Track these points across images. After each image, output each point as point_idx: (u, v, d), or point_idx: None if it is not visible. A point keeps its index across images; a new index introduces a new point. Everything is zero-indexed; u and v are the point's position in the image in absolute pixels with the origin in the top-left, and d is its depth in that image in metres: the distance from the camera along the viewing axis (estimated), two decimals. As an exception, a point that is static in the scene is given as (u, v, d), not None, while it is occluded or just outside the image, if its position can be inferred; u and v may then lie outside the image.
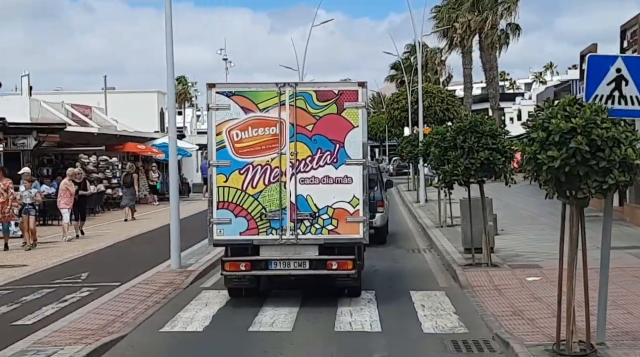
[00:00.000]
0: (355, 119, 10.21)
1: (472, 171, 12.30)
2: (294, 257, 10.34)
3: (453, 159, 12.41)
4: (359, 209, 10.20)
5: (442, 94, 48.82)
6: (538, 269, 12.46)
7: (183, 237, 14.14)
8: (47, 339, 8.45)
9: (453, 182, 12.71)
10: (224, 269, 10.46)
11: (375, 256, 14.89)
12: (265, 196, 10.25)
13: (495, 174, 12.47)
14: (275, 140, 10.24)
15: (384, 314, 9.95)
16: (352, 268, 10.24)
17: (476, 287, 11.23)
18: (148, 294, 11.34)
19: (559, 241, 7.29)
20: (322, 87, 10.43)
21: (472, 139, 12.29)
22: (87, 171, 28.09)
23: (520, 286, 11.23)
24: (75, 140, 28.06)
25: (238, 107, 10.28)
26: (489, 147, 12.26)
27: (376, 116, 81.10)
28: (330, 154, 10.21)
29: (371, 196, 17.02)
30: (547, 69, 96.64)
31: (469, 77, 54.94)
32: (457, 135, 12.48)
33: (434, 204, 26.87)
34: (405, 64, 63.72)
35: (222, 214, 10.27)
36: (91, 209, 25.80)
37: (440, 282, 12.33)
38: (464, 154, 12.35)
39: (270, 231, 10.26)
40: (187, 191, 36.16)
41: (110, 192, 29.40)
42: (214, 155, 10.30)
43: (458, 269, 12.67)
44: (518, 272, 12.25)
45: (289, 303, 10.58)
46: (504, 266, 12.96)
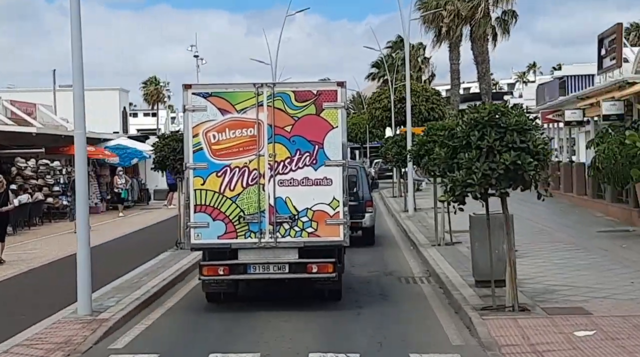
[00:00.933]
0: (335, 119, 11.67)
1: (493, 180, 10.19)
2: (273, 260, 11.77)
3: (466, 163, 10.27)
4: (339, 211, 11.65)
5: (427, 92, 50.48)
6: (586, 317, 10.40)
7: (119, 260, 14.58)
8: None
9: (466, 194, 10.42)
10: (202, 274, 11.90)
11: (360, 288, 13.90)
12: (243, 198, 11.66)
13: (524, 183, 10.44)
14: (253, 141, 11.66)
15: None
16: (332, 271, 11.69)
17: (505, 346, 9.12)
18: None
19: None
20: (300, 87, 11.92)
21: (492, 135, 10.18)
22: (24, 177, 28.01)
23: (568, 345, 9.11)
24: (14, 142, 27.66)
25: (215, 108, 11.71)
26: (516, 147, 10.19)
27: (356, 117, 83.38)
28: (310, 155, 11.65)
29: (360, 196, 19.77)
30: (530, 68, 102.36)
31: (457, 74, 56.11)
32: (471, 131, 10.35)
33: (424, 214, 26.64)
34: (387, 63, 65.12)
35: (200, 217, 11.67)
36: (26, 221, 25.53)
37: (451, 337, 10.20)
38: (482, 156, 10.24)
39: (248, 234, 11.67)
40: (147, 198, 36.67)
41: (51, 201, 29.14)
42: (190, 158, 11.71)
43: (474, 315, 10.67)
44: (559, 321, 10.20)
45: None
46: (536, 310, 10.98)
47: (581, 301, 11.45)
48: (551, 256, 16.21)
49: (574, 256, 16.03)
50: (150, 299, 12.90)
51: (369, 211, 20.02)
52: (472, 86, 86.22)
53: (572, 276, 13.56)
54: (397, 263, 17.37)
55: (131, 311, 11.79)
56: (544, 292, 12.14)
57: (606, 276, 13.60)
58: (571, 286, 12.62)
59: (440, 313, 11.72)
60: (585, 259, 15.55)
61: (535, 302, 11.35)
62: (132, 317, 11.64)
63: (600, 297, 11.28)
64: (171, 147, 18.26)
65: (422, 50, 74.31)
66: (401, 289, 14.15)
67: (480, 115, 10.38)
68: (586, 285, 12.60)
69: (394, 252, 19.39)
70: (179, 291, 14.20)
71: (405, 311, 12.03)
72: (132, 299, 12.62)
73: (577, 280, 13.15)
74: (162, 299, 13.26)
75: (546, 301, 11.51)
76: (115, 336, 10.52)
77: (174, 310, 12.38)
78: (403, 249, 19.92)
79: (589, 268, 14.43)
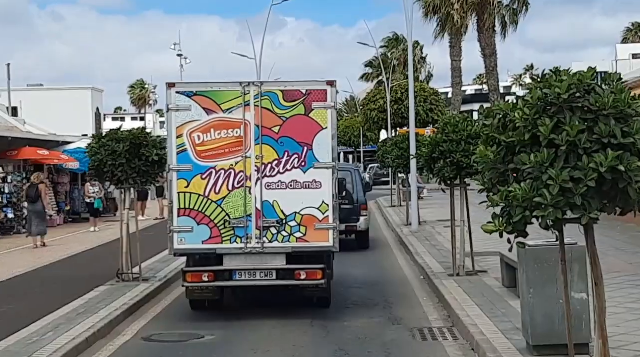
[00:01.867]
0: (324, 120, 11.52)
1: (578, 197, 6.18)
2: (260, 267, 11.60)
3: (533, 169, 6.29)
4: (329, 216, 11.49)
5: (425, 92, 49.15)
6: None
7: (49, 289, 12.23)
8: None
9: (530, 221, 6.40)
10: (186, 281, 11.71)
11: (354, 351, 9.98)
12: (229, 202, 11.51)
13: (626, 202, 6.37)
14: (239, 143, 11.51)
15: None
16: (321, 278, 11.52)
17: None
18: None
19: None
20: (289, 86, 11.76)
21: (575, 124, 6.25)
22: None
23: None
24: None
25: (200, 108, 11.55)
26: (615, 143, 6.21)
27: (350, 119, 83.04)
28: (298, 157, 11.50)
29: (354, 199, 20.05)
30: (527, 71, 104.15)
31: (458, 71, 53.58)
32: (539, 117, 6.37)
33: (431, 230, 23.14)
34: (379, 63, 65.10)
35: (184, 221, 11.51)
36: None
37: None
38: (559, 158, 6.27)
39: (234, 239, 11.52)
40: (114, 208, 32.58)
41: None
42: (174, 160, 11.54)
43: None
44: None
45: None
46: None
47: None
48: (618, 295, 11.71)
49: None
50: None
51: (364, 215, 20.27)
52: (467, 89, 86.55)
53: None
54: (406, 303, 13.11)
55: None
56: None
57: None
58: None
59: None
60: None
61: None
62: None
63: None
64: (110, 149, 14.09)
65: (418, 50, 74.21)
66: (417, 351, 10.04)
67: (555, 92, 6.33)
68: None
69: (401, 284, 15.09)
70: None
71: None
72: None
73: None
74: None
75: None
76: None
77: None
78: (411, 279, 15.61)
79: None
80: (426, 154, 14.28)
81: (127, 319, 12.07)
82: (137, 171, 14.23)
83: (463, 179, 14.08)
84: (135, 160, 14.13)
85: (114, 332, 11.26)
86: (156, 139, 14.59)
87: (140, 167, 14.19)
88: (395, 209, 32.36)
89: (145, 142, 14.26)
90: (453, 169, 13.77)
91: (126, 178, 14.31)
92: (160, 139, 14.42)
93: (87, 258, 19.35)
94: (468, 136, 13.58)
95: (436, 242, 20.02)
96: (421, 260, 16.96)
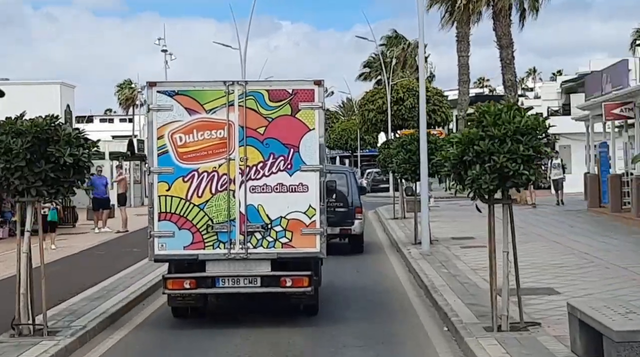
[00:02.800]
0: (311, 121, 11.36)
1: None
2: (244, 273, 11.41)
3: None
4: (316, 220, 11.32)
5: (428, 92, 47.09)
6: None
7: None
8: None
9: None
10: (166, 288, 11.51)
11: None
12: (212, 206, 11.33)
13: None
14: (223, 144, 11.33)
15: None
16: (308, 285, 11.34)
17: None
18: None
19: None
20: (274, 86, 11.61)
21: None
22: None
23: None
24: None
25: (182, 108, 11.37)
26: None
27: (346, 122, 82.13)
28: (284, 159, 11.34)
29: (349, 202, 20.24)
30: (529, 74, 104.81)
31: (466, 68, 49.51)
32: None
33: (446, 251, 18.89)
34: (378, 62, 64.35)
35: (164, 226, 11.31)
36: None
37: None
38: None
39: (217, 244, 11.33)
40: (73, 219, 29.62)
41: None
42: (155, 161, 11.35)
43: None
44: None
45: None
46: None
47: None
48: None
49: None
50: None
51: (359, 218, 20.43)
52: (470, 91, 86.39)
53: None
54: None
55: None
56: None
57: None
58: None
59: None
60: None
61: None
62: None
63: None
64: (2, 147, 10.37)
65: (416, 48, 74.02)
66: None
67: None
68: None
69: (418, 345, 10.68)
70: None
71: None
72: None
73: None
74: None
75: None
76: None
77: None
78: (432, 336, 11.08)
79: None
80: (454, 156, 10.30)
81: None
82: (43, 178, 10.44)
83: (507, 191, 10.38)
84: (41, 163, 10.41)
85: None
86: (71, 133, 10.70)
87: (47, 172, 10.41)
88: (399, 222, 28.39)
89: (55, 137, 10.53)
90: (494, 177, 9.99)
91: (26, 188, 10.52)
92: (77, 134, 10.82)
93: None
94: (515, 131, 9.93)
95: (456, 270, 15.68)
96: (442, 300, 12.56)
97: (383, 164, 30.18)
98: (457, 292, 13.30)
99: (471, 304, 12.06)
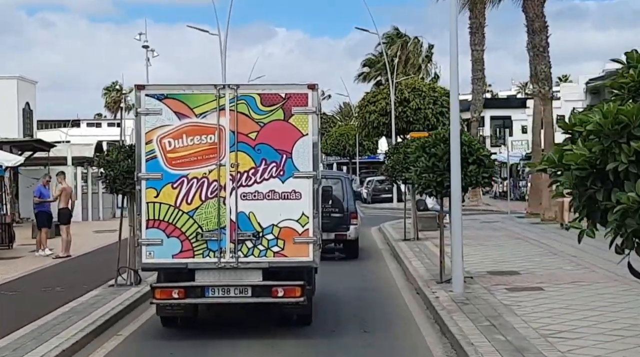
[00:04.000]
0: (305, 126, 11.37)
1: None
2: (234, 283, 11.40)
3: None
4: (309, 228, 11.31)
5: (434, 92, 45.45)
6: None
7: None
8: None
9: None
10: (154, 297, 11.48)
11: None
12: (201, 213, 11.34)
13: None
14: (213, 149, 11.35)
15: None
16: (300, 295, 11.30)
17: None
18: None
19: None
20: (267, 89, 11.60)
21: None
22: None
23: None
24: None
25: (171, 112, 11.39)
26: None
27: (344, 126, 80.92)
28: (276, 165, 11.35)
29: (344, 207, 20.62)
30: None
31: (480, 63, 46.22)
32: None
33: (484, 293, 13.95)
34: (381, 63, 62.27)
35: (152, 233, 11.30)
36: None
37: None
38: None
39: (207, 253, 11.33)
40: (9, 238, 25.20)
41: None
42: (143, 167, 11.35)
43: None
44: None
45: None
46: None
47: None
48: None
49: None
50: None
51: (354, 223, 20.95)
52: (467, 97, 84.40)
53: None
54: None
55: None
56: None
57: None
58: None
59: None
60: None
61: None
62: None
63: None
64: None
65: (421, 46, 69.73)
66: None
67: None
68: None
69: None
70: None
71: None
72: None
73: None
74: None
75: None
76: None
77: None
78: None
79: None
80: (584, 160, 5.49)
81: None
82: None
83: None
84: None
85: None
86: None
87: None
88: (412, 245, 22.60)
89: None
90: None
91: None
92: None
93: None
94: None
95: (517, 337, 10.49)
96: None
97: (391, 172, 24.52)
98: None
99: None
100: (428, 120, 43.67)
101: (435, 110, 44.54)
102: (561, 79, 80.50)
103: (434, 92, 45.54)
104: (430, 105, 44.43)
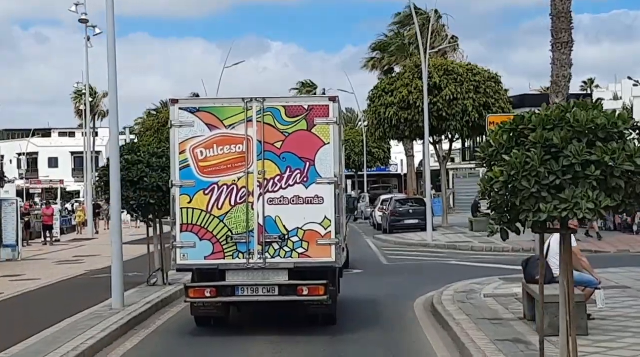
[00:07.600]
0: (326, 135, 13.28)
1: None
2: (262, 282, 13.26)
3: None
4: (331, 231, 13.18)
5: (475, 76, 36.74)
6: None
7: None
8: None
9: None
10: (188, 296, 13.34)
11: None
12: (231, 217, 13.24)
13: None
14: (241, 158, 13.29)
15: None
16: (323, 294, 13.14)
17: None
18: None
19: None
20: (291, 101, 13.51)
21: None
22: None
23: None
24: None
25: (202, 123, 13.31)
26: None
27: (349, 130, 71.82)
28: (300, 172, 13.27)
29: None
30: (587, 85, 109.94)
31: (567, 19, 26.25)
32: None
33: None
34: (395, 45, 55.02)
35: (186, 237, 13.20)
36: None
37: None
38: None
39: (236, 254, 13.22)
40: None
41: None
42: (177, 175, 13.26)
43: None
44: None
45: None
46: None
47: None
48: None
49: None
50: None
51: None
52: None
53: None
54: None
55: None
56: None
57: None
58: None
59: None
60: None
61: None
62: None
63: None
64: None
65: (438, 24, 50.88)
66: None
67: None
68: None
69: None
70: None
71: None
72: None
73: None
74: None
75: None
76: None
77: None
78: None
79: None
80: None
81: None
82: None
83: None
84: None
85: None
86: None
87: None
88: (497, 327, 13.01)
89: None
90: None
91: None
92: None
93: None
94: None
95: None
96: None
97: (487, 186, 9.16)
98: None
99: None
100: (468, 115, 36.22)
101: (478, 101, 35.97)
102: (586, 82, 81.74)
103: (474, 76, 37.15)
104: (470, 93, 36.27)
